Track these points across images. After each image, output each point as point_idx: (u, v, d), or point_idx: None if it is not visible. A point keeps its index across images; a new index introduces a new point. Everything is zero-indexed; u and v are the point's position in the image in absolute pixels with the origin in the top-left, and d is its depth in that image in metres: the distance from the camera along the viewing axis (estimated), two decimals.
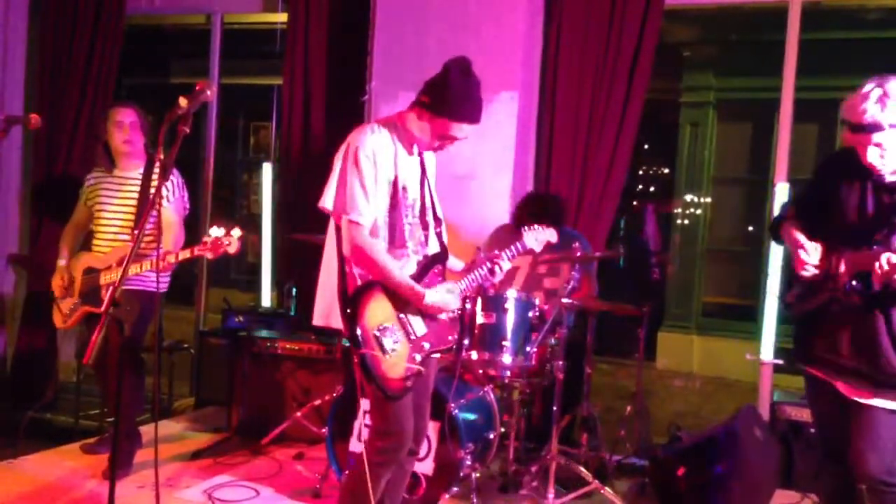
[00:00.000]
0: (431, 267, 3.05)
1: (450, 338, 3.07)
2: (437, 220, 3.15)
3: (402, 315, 2.92)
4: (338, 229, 2.93)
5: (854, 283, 2.82)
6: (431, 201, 3.13)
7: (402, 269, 2.95)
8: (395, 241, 2.96)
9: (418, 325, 2.95)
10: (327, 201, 2.91)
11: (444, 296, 2.99)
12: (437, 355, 3.12)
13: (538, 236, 3.37)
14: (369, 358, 2.80)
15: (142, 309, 4.14)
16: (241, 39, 8.71)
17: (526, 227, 3.37)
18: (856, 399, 2.88)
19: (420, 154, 3.08)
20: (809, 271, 2.94)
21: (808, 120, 8.81)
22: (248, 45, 8.96)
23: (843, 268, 2.85)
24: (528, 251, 3.36)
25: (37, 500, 3.91)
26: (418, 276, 2.99)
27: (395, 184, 2.94)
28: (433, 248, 3.12)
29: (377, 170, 2.88)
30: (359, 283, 2.89)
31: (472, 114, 2.92)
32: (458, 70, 2.90)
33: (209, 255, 3.81)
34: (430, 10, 5.31)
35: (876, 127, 2.74)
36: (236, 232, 3.81)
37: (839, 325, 2.91)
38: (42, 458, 4.50)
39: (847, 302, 2.85)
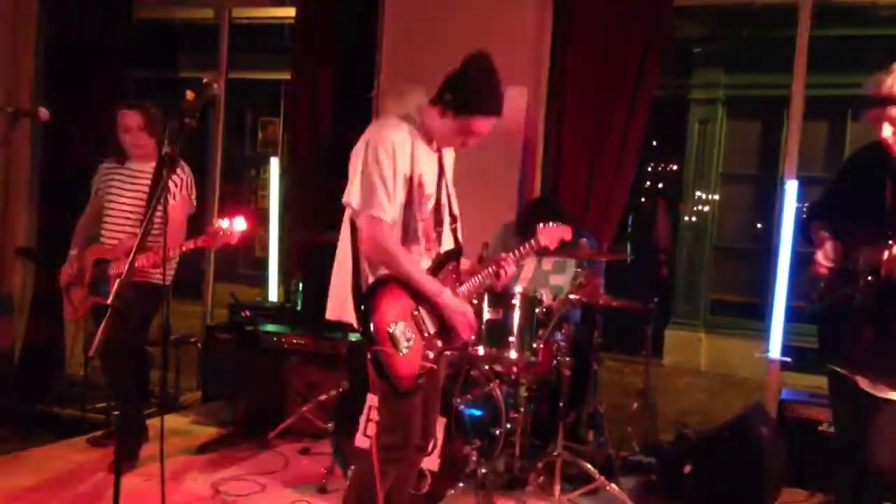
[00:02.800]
0: (446, 264, 3.03)
1: (463, 335, 3.04)
2: (453, 217, 3.12)
3: (416, 312, 2.90)
4: (353, 224, 2.92)
5: (870, 278, 2.81)
6: (448, 198, 3.11)
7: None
8: (409, 237, 2.94)
9: (431, 322, 2.94)
10: (351, 197, 2.88)
11: (462, 304, 2.96)
12: (449, 353, 3.11)
13: (553, 233, 3.33)
14: (382, 355, 2.79)
15: (146, 302, 4.14)
16: (250, 34, 8.73)
17: (541, 224, 3.33)
18: (874, 393, 2.88)
19: (439, 150, 3.06)
20: (822, 268, 2.96)
21: (818, 117, 8.77)
22: (257, 40, 8.98)
23: (861, 264, 2.84)
24: (543, 248, 3.31)
25: (43, 493, 3.93)
26: (432, 274, 2.98)
27: (411, 180, 2.92)
28: (447, 245, 3.10)
29: (396, 165, 2.85)
30: (372, 279, 2.88)
31: (495, 106, 2.89)
32: (479, 64, 2.87)
33: (210, 245, 3.80)
34: (438, 5, 5.30)
35: (894, 100, 2.74)
36: (239, 223, 3.79)
37: (860, 321, 2.90)
38: (49, 450, 4.53)
39: (865, 298, 2.84)
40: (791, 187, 4.80)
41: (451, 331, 2.98)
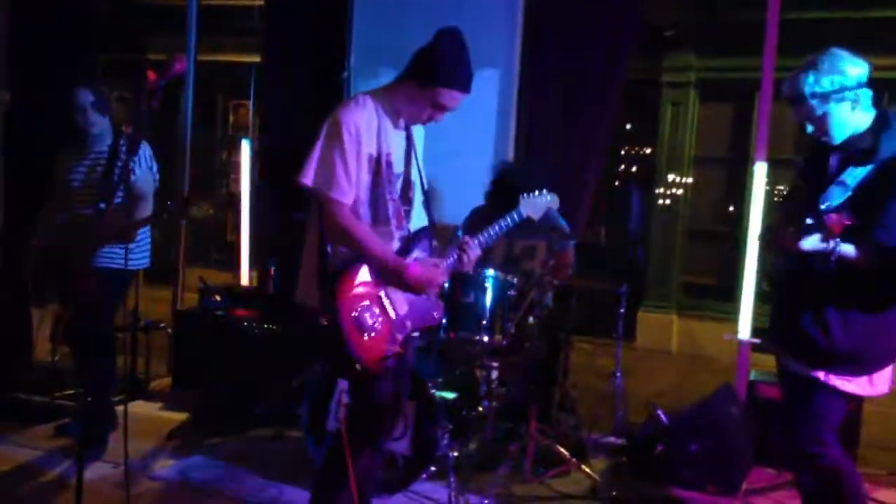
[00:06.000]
0: (419, 241, 3.01)
1: (434, 314, 3.02)
2: (425, 194, 3.09)
3: (381, 294, 2.88)
4: (318, 205, 2.88)
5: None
6: (419, 176, 3.07)
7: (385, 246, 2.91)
8: (379, 217, 2.91)
9: (400, 304, 2.91)
10: (307, 176, 2.83)
11: (429, 270, 2.91)
12: (417, 333, 3.09)
13: (537, 202, 3.29)
14: (348, 338, 2.77)
15: (111, 287, 4.09)
16: (221, 16, 8.62)
17: (524, 194, 3.28)
18: (796, 372, 2.91)
19: (407, 128, 3.02)
20: None
21: None
22: (227, 22, 8.87)
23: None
24: (525, 220, 3.26)
25: (9, 481, 3.88)
26: (404, 251, 2.95)
27: (378, 159, 2.88)
28: (418, 222, 3.07)
29: (360, 145, 2.82)
30: (337, 261, 2.85)
31: (463, 81, 2.86)
32: (449, 38, 2.85)
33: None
34: None
35: (791, 100, 2.87)
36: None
37: (788, 302, 2.96)
38: (16, 438, 4.46)
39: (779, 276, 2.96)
40: (760, 169, 4.82)
41: (421, 310, 2.96)
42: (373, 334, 2.81)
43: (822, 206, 2.74)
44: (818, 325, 2.79)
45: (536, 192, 3.29)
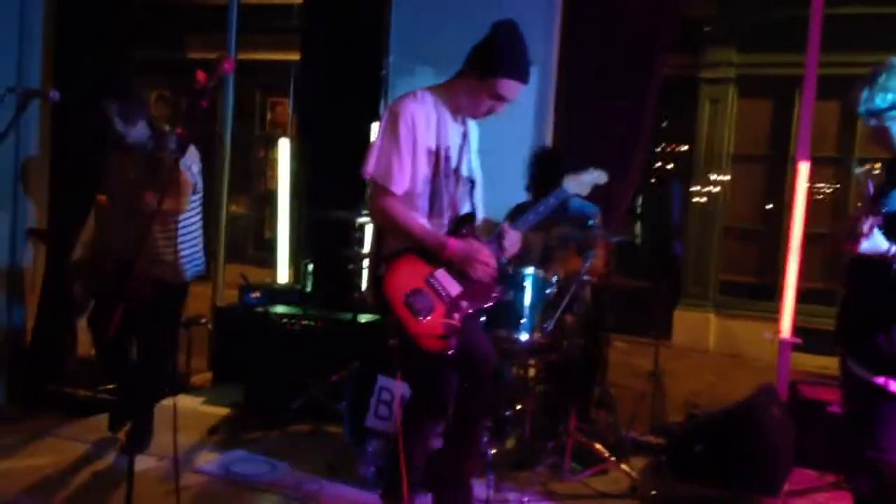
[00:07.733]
0: (460, 227, 3.05)
1: (492, 294, 3.04)
2: (472, 183, 3.16)
3: (430, 279, 2.93)
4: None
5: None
6: (471, 172, 3.15)
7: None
8: (434, 209, 2.99)
9: (450, 286, 2.95)
10: (368, 167, 2.92)
11: (469, 244, 2.96)
12: (473, 311, 3.10)
13: (583, 178, 3.33)
14: (402, 321, 2.81)
15: (161, 295, 4.12)
16: (259, 14, 8.69)
17: (569, 173, 3.34)
18: (859, 376, 2.86)
19: (465, 123, 3.09)
20: None
21: (830, 97, 8.67)
22: (266, 20, 8.95)
23: None
24: (573, 196, 3.34)
25: (57, 473, 3.96)
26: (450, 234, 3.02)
27: (437, 153, 2.95)
28: (464, 210, 3.13)
29: (416, 137, 2.88)
30: (384, 253, 2.91)
31: (522, 70, 2.92)
32: (506, 30, 2.92)
33: None
34: None
35: (853, 113, 2.83)
36: None
37: (853, 304, 2.93)
38: (62, 431, 4.55)
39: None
40: (803, 168, 4.75)
41: (477, 287, 2.98)
42: (427, 317, 2.85)
43: (883, 210, 2.71)
44: (882, 330, 2.74)
45: (579, 171, 3.33)
